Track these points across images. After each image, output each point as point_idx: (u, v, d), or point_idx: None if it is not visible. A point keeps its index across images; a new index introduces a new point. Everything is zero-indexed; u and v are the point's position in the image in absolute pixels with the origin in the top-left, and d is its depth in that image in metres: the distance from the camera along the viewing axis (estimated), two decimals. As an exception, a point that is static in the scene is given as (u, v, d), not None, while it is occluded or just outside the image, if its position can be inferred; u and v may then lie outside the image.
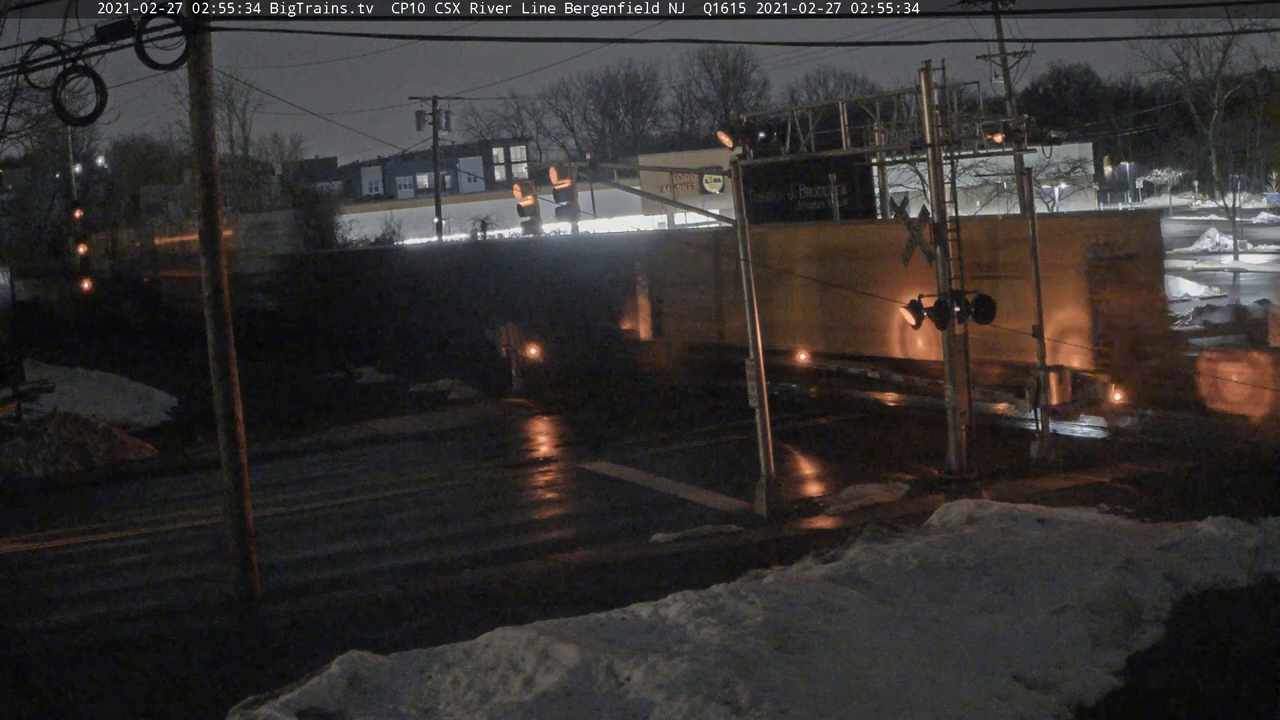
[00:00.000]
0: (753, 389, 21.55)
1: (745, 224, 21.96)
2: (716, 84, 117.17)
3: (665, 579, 16.80)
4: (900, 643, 13.75)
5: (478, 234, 74.03)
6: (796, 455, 25.61)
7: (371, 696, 13.17)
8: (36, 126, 39.18)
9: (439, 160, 71.16)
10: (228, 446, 18.13)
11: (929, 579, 15.71)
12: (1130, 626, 14.52)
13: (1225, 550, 16.23)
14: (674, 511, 22.08)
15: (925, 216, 22.93)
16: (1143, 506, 19.50)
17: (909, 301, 22.59)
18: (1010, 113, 42.64)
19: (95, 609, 19.07)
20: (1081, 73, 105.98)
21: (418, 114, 66.26)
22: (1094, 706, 12.73)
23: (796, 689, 12.25)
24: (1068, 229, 26.14)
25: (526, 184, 24.55)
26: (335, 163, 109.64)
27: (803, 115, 25.61)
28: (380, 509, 24.52)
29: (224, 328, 18.01)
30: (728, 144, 23.47)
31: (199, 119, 17.91)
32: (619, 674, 12.73)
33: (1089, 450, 23.70)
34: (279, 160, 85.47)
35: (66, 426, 30.40)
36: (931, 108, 22.79)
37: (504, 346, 36.56)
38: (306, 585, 19.36)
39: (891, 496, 21.66)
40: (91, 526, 24.55)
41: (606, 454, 27.59)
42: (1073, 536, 17.08)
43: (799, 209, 42.29)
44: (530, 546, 20.77)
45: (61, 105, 16.51)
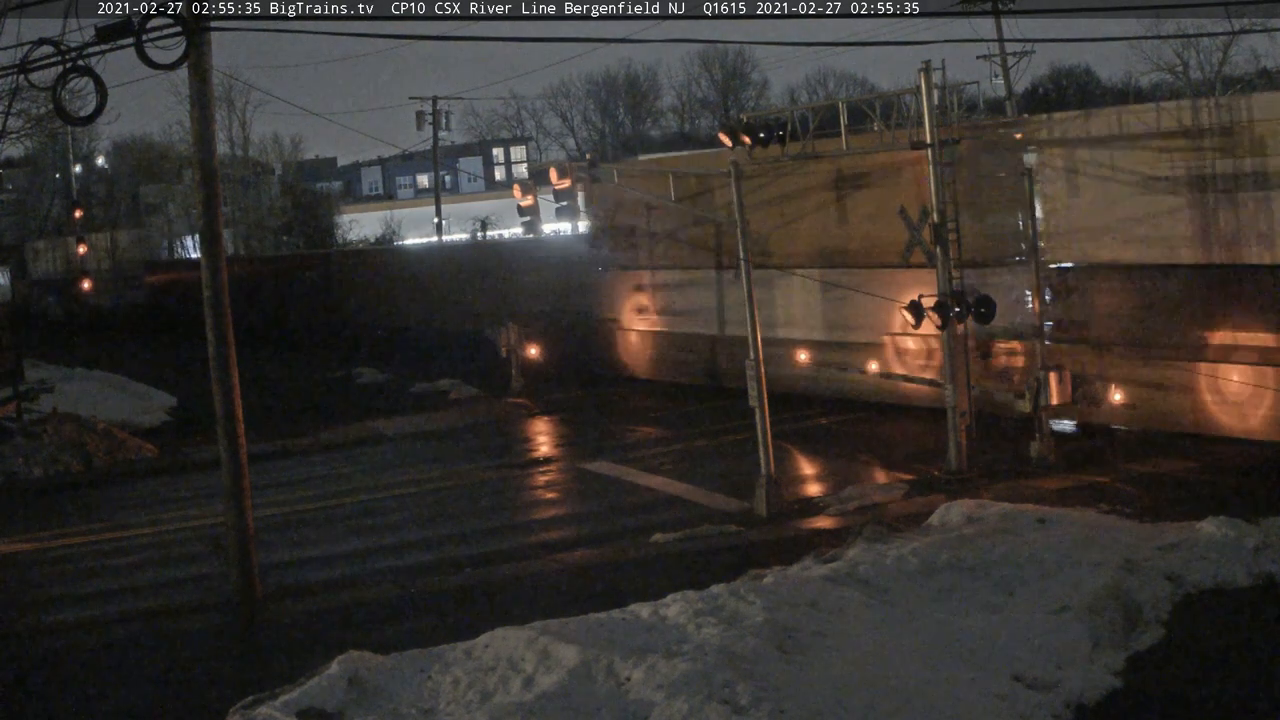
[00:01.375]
0: (753, 389, 21.56)
1: (745, 224, 21.97)
2: (716, 84, 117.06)
3: (665, 579, 16.80)
4: (900, 643, 13.75)
5: (478, 234, 74.06)
6: (796, 455, 25.62)
7: (371, 696, 13.17)
8: (36, 126, 39.20)
9: (439, 160, 71.17)
10: (228, 446, 18.12)
11: (929, 579, 15.71)
12: (1130, 626, 14.52)
13: (1225, 550, 16.23)
14: (674, 511, 22.08)
15: (925, 216, 22.93)
16: (1143, 506, 19.49)
17: (909, 301, 22.59)
18: (1010, 113, 42.69)
19: (95, 609, 19.07)
20: (1081, 73, 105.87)
21: (418, 114, 66.26)
22: (1094, 706, 12.73)
23: (796, 689, 12.25)
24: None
25: (526, 184, 24.56)
26: (335, 163, 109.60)
27: (803, 115, 25.61)
28: (380, 509, 24.53)
29: (224, 328, 18.01)
30: (728, 144, 23.50)
31: (199, 119, 17.91)
32: (619, 674, 12.73)
33: (1089, 450, 23.69)
34: (279, 160, 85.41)
35: (66, 426, 30.40)
36: (931, 108, 22.80)
37: (504, 346, 36.55)
38: (306, 585, 19.36)
39: (891, 496, 21.66)
40: (91, 526, 24.55)
41: (606, 454, 27.60)
42: (1073, 536, 17.07)
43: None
44: (530, 546, 20.77)
45: (61, 105, 16.52)
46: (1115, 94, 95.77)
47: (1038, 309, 23.47)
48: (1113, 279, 24.56)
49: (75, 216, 62.06)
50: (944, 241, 22.73)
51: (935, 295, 22.58)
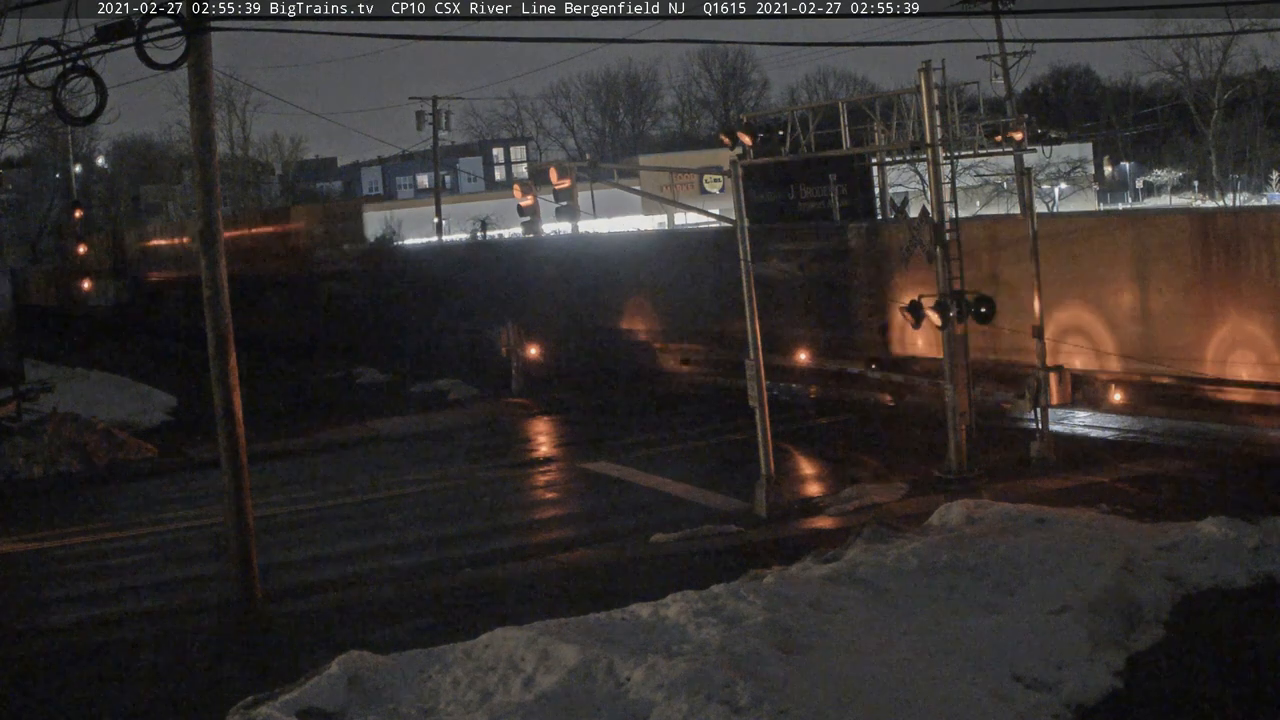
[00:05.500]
0: (753, 389, 21.55)
1: (745, 224, 21.97)
2: (716, 84, 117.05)
3: (665, 579, 16.79)
4: (900, 643, 13.74)
5: (478, 234, 74.03)
6: (796, 455, 25.61)
7: (371, 696, 13.17)
8: (36, 126, 39.23)
9: (439, 160, 71.14)
10: (228, 446, 18.11)
11: (929, 579, 15.69)
12: (1130, 626, 14.51)
13: (1225, 550, 16.22)
14: (674, 511, 22.08)
15: (925, 217, 22.93)
16: (1143, 506, 19.47)
17: (909, 301, 22.59)
18: (1010, 113, 42.66)
19: (95, 609, 19.08)
20: (1081, 73, 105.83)
21: (418, 114, 66.14)
22: (1094, 706, 12.72)
23: (796, 689, 12.25)
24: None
25: (526, 184, 24.52)
26: (335, 163, 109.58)
27: (803, 115, 25.59)
28: (380, 509, 24.52)
29: (224, 327, 18.01)
30: (728, 144, 23.49)
31: (199, 119, 17.90)
32: (619, 674, 12.73)
33: (1089, 450, 23.69)
34: (279, 160, 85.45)
35: (66, 426, 30.38)
36: (931, 108, 22.79)
37: (504, 346, 36.56)
38: (306, 585, 19.35)
39: (891, 496, 21.65)
40: (91, 526, 24.54)
41: (606, 454, 27.59)
42: (1073, 536, 17.07)
43: (799, 209, 42.29)
44: (530, 546, 20.77)
45: (61, 105, 16.48)
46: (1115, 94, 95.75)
47: (1038, 309, 23.46)
48: None
49: (75, 216, 62.03)
50: (944, 241, 22.73)
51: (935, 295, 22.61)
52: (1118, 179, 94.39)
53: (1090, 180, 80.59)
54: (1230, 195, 70.62)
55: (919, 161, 35.72)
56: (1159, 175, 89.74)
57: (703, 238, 37.42)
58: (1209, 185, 75.64)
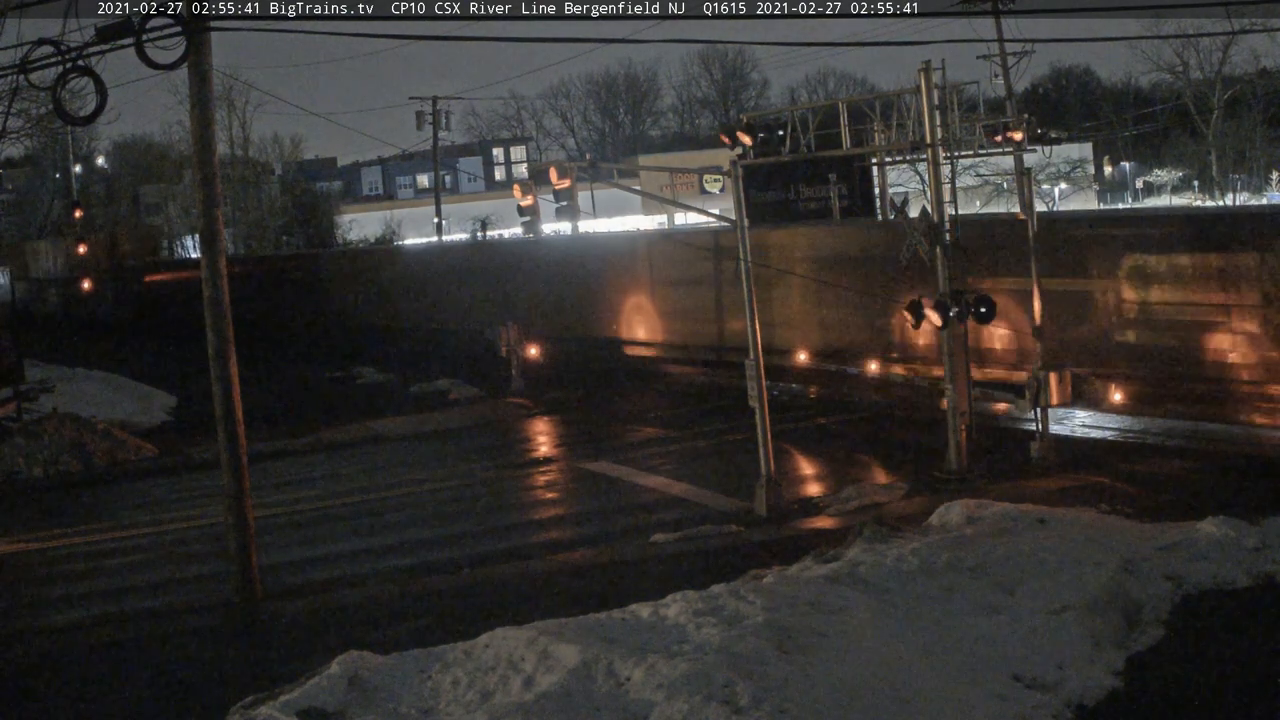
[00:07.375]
0: (753, 389, 21.55)
1: (745, 224, 21.96)
2: (716, 84, 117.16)
3: (665, 579, 16.80)
4: (900, 643, 13.74)
5: (478, 234, 74.06)
6: (796, 455, 25.61)
7: (371, 696, 13.17)
8: (36, 126, 39.22)
9: (439, 160, 71.15)
10: (228, 446, 18.12)
11: (929, 579, 15.69)
12: (1130, 626, 14.52)
13: (1225, 550, 16.23)
14: (674, 511, 22.08)
15: (925, 217, 22.92)
16: (1143, 506, 19.48)
17: (909, 301, 22.58)
18: (1010, 113, 42.62)
19: (95, 609, 19.07)
20: (1081, 73, 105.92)
21: (418, 114, 66.20)
22: (1094, 707, 12.74)
23: (796, 689, 12.25)
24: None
25: (526, 184, 24.50)
26: (335, 163, 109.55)
27: (803, 115, 25.59)
28: (380, 509, 24.51)
29: (224, 328, 18.01)
30: (728, 144, 23.47)
31: (199, 119, 17.91)
32: (619, 674, 12.73)
33: (1089, 450, 23.69)
34: (279, 160, 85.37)
35: (66, 426, 30.37)
36: (931, 108, 22.78)
37: (504, 346, 36.54)
38: (306, 585, 19.35)
39: (891, 496, 21.65)
40: (91, 526, 24.53)
41: (606, 454, 27.59)
42: (1073, 536, 17.07)
43: (799, 209, 42.34)
44: (530, 546, 20.77)
45: (61, 105, 16.50)
46: (1115, 94, 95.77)
47: (1038, 310, 23.46)
48: None
49: (75, 216, 62.03)
50: (943, 241, 22.72)
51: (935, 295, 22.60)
52: (1117, 179, 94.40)
53: (1090, 180, 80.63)
54: (1230, 195, 70.61)
55: (919, 161, 35.73)
56: (1159, 175, 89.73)
57: (703, 238, 37.41)
58: (1209, 185, 75.63)
